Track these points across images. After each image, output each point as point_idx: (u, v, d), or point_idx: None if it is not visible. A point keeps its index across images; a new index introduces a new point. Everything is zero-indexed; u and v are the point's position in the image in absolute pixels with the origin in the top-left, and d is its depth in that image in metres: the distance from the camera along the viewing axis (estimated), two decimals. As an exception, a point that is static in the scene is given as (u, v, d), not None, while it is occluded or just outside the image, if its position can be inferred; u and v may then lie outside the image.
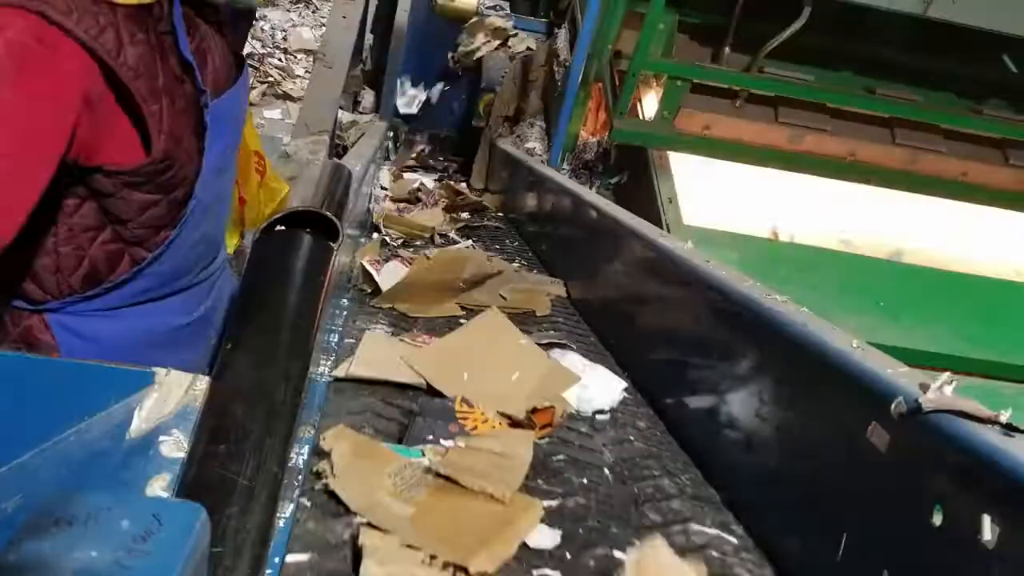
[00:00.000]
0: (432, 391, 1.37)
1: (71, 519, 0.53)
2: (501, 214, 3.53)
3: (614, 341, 1.85)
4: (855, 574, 0.90)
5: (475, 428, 1.24)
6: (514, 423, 1.29)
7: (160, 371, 0.97)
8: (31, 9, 1.09)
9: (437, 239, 2.73)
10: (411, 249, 2.50)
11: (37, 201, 1.16)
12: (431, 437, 1.17)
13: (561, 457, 1.24)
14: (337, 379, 1.37)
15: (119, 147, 1.29)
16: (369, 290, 1.90)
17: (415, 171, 4.63)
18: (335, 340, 1.53)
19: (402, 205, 3.41)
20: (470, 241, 2.81)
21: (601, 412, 1.45)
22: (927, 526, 0.79)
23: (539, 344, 1.67)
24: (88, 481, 0.86)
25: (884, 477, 0.88)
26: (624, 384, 1.56)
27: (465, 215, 3.39)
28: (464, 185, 4.25)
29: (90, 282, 1.40)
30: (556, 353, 1.64)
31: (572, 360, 1.61)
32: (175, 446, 0.90)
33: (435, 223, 2.93)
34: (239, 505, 0.77)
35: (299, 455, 1.04)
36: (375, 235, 2.49)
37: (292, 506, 0.96)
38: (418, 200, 3.57)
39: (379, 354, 1.45)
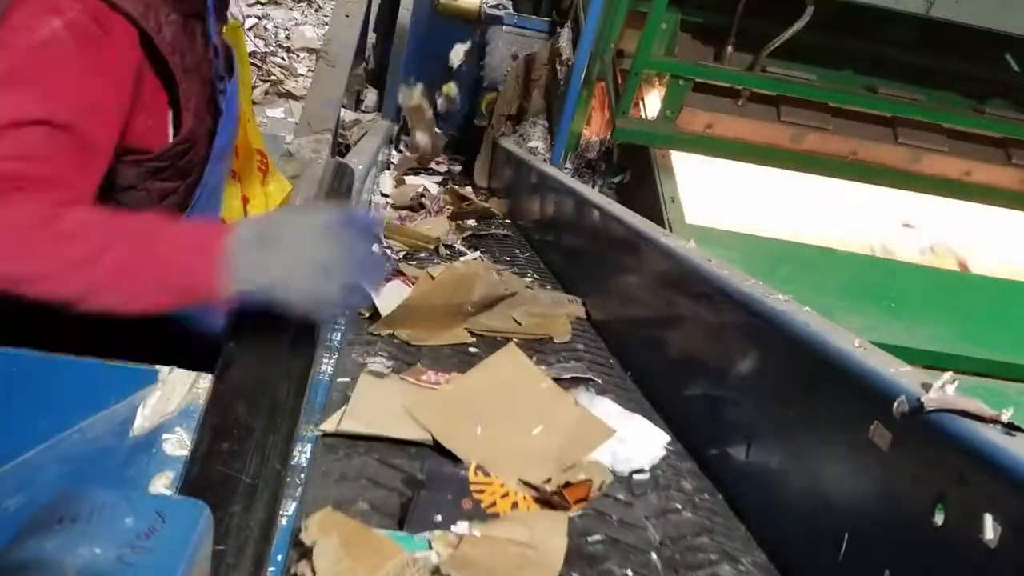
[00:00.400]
0: (440, 448, 1.18)
1: (74, 516, 0.53)
2: (509, 220, 3.48)
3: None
4: (857, 573, 0.90)
5: (493, 505, 1.03)
6: (541, 498, 1.07)
7: (163, 369, 0.97)
8: None
9: (443, 250, 2.58)
10: (414, 262, 2.36)
11: (99, 181, 1.16)
12: (440, 518, 0.98)
13: (598, 537, 1.06)
14: (326, 434, 1.17)
15: (150, 129, 1.29)
16: (367, 314, 1.73)
17: (417, 174, 4.49)
18: (337, 338, 1.54)
19: (404, 213, 3.23)
20: (478, 252, 2.66)
21: (640, 472, 1.26)
22: (929, 525, 0.79)
23: (561, 379, 1.51)
24: (91, 479, 0.86)
25: (886, 476, 0.89)
26: (666, 437, 1.37)
27: (471, 222, 3.23)
28: (469, 189, 4.09)
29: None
30: (583, 396, 1.43)
31: (604, 407, 1.39)
32: (178, 444, 0.90)
33: (440, 233, 2.75)
34: (242, 503, 0.77)
35: (302, 453, 1.05)
36: (375, 248, 2.34)
37: (295, 504, 0.96)
38: (421, 207, 3.41)
39: (376, 402, 1.25)
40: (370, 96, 5.21)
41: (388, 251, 2.30)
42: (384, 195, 3.60)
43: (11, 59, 1.05)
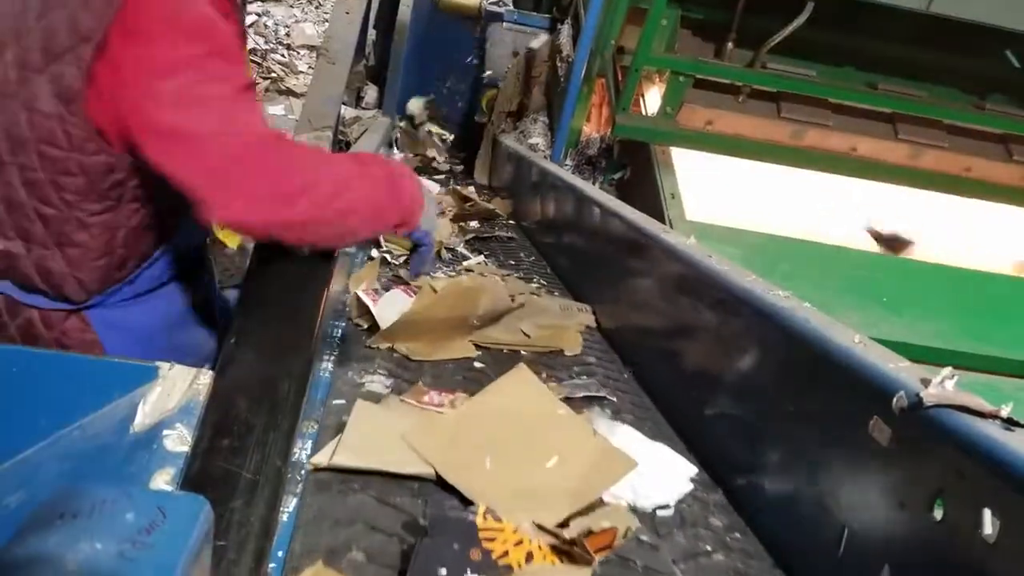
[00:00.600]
0: (444, 483, 1.07)
1: (76, 512, 0.54)
2: (512, 221, 3.41)
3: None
4: (857, 568, 0.91)
5: (505, 555, 0.92)
6: (559, 548, 0.96)
7: (164, 365, 0.97)
8: None
9: (445, 254, 2.49)
10: None
11: None
12: (444, 572, 0.87)
13: (624, 589, 0.98)
14: (318, 468, 1.05)
15: None
16: (365, 325, 1.63)
17: (419, 174, 4.47)
18: (338, 335, 1.54)
19: None
20: (481, 256, 2.56)
21: (664, 507, 1.15)
22: (928, 520, 0.80)
23: (574, 399, 1.43)
24: (92, 476, 0.87)
25: (885, 471, 0.89)
26: (693, 469, 1.25)
27: (474, 224, 3.16)
28: (472, 189, 3.96)
29: (132, 267, 1.44)
30: (601, 423, 1.31)
31: (624, 435, 1.28)
32: (179, 440, 0.90)
33: (442, 236, 2.60)
34: (242, 499, 0.77)
35: (302, 450, 1.05)
36: (374, 252, 2.24)
37: (295, 500, 0.96)
38: None
39: (374, 431, 1.12)
40: (370, 93, 5.21)
41: (387, 256, 2.21)
42: None
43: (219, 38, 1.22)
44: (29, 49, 1.20)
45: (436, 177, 4.44)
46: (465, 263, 2.42)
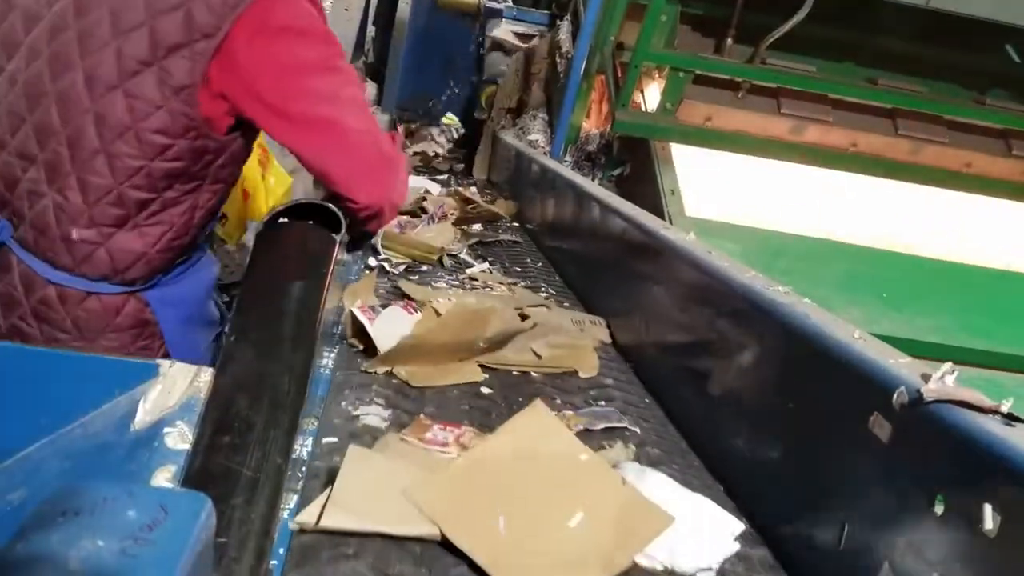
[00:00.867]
0: (451, 546, 0.91)
1: (77, 510, 0.54)
2: (516, 224, 3.24)
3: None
4: (857, 563, 0.91)
5: None
6: None
7: (164, 363, 0.97)
8: None
9: (447, 261, 2.33)
10: (415, 276, 2.11)
11: None
12: None
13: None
14: (304, 530, 0.89)
15: None
16: (361, 347, 1.48)
17: (419, 174, 4.22)
18: (339, 331, 1.54)
19: (404, 219, 2.83)
20: (486, 264, 2.42)
21: (706, 570, 0.99)
22: (928, 515, 0.80)
23: (593, 431, 1.30)
24: (93, 473, 0.87)
25: (886, 467, 0.89)
26: (739, 526, 1.07)
27: (477, 227, 3.01)
28: (473, 190, 3.73)
29: (195, 243, 1.53)
30: (630, 468, 1.14)
31: (656, 483, 1.09)
32: (180, 438, 0.90)
33: (444, 242, 2.46)
34: (243, 496, 0.77)
35: (303, 447, 1.05)
36: (372, 260, 2.13)
37: (296, 497, 0.96)
38: (423, 211, 3.06)
39: (369, 484, 0.97)
40: (369, 90, 5.21)
41: (386, 265, 2.12)
42: None
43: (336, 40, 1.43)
44: (135, 43, 1.27)
45: (438, 178, 4.32)
46: (469, 271, 2.30)
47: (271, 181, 2.27)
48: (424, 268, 2.21)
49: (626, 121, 3.44)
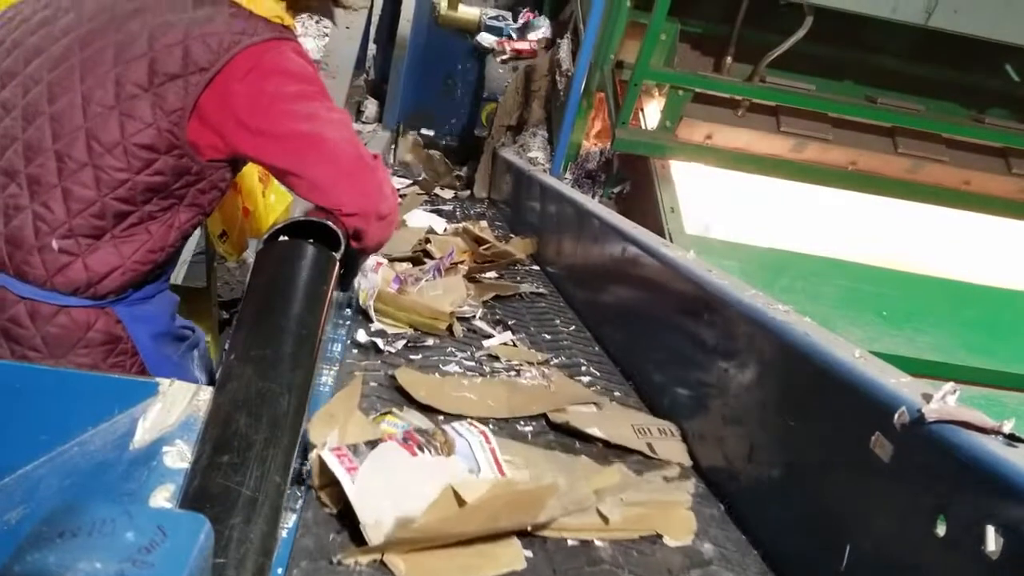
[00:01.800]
0: None
1: (75, 531, 0.53)
2: (536, 266, 2.83)
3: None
4: (858, 585, 0.90)
5: None
6: None
7: (164, 382, 0.97)
8: (288, 37, 1.49)
9: (458, 330, 1.86)
10: (419, 355, 1.67)
11: None
12: None
13: None
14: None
15: None
16: (334, 510, 1.00)
17: (418, 195, 3.85)
18: (338, 349, 1.54)
19: (404, 268, 2.26)
20: (508, 333, 1.92)
21: None
22: (930, 536, 0.79)
23: None
24: (92, 492, 0.86)
25: (887, 487, 0.88)
26: None
27: (492, 275, 2.50)
28: (484, 225, 3.24)
29: (168, 262, 1.58)
30: None
31: None
32: (178, 457, 0.90)
33: (454, 302, 1.99)
34: (242, 516, 0.77)
35: (302, 466, 1.04)
36: (361, 334, 1.69)
37: (295, 517, 0.96)
38: (427, 256, 2.51)
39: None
40: (370, 107, 5.23)
41: (379, 341, 1.66)
42: None
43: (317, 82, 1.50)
44: (135, 70, 1.37)
45: (443, 208, 3.88)
46: (487, 344, 1.83)
47: (271, 199, 2.27)
48: (429, 342, 1.76)
49: (626, 139, 3.45)
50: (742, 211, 3.42)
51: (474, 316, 2.01)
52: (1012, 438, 0.77)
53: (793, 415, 1.11)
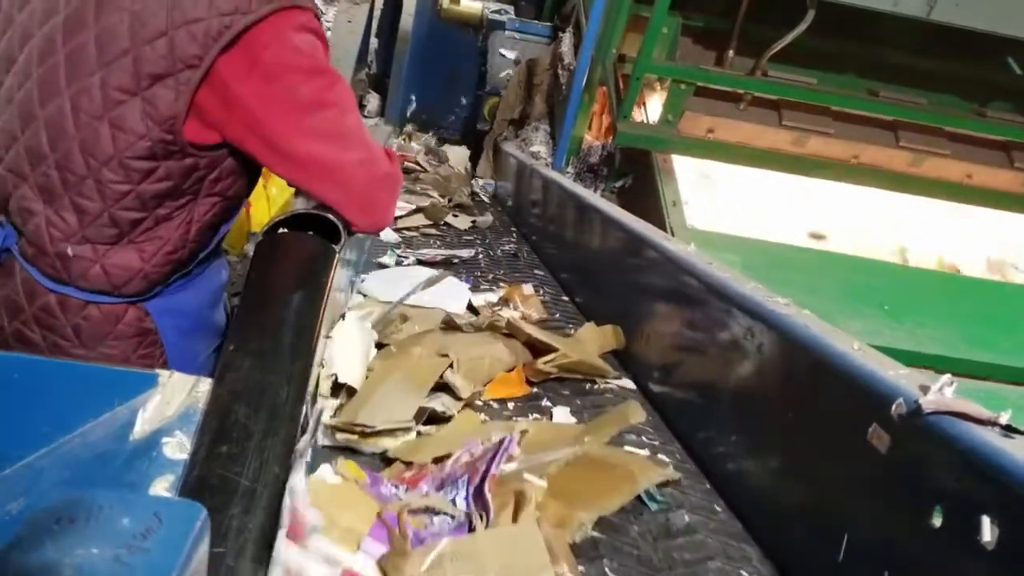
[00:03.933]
0: None
1: (73, 517, 0.54)
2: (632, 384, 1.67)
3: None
4: (856, 574, 0.90)
5: None
6: None
7: (163, 373, 0.97)
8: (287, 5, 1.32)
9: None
10: None
11: None
12: None
13: None
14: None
15: None
16: None
17: (425, 227, 2.81)
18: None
19: (395, 473, 1.11)
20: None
21: None
22: (927, 527, 0.79)
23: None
24: (92, 482, 0.87)
25: (884, 478, 0.89)
26: None
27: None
28: (529, 291, 2.06)
29: (196, 258, 1.51)
30: None
31: None
32: (178, 448, 0.90)
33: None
34: (241, 506, 0.77)
35: (301, 456, 1.05)
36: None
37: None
38: (444, 392, 1.31)
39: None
40: (372, 101, 5.23)
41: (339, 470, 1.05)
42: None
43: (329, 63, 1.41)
44: (119, 73, 1.27)
45: (460, 253, 2.48)
46: None
47: (272, 191, 2.27)
48: None
49: (628, 133, 3.45)
50: (745, 205, 3.42)
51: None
52: (1009, 429, 0.78)
53: (790, 406, 1.11)
